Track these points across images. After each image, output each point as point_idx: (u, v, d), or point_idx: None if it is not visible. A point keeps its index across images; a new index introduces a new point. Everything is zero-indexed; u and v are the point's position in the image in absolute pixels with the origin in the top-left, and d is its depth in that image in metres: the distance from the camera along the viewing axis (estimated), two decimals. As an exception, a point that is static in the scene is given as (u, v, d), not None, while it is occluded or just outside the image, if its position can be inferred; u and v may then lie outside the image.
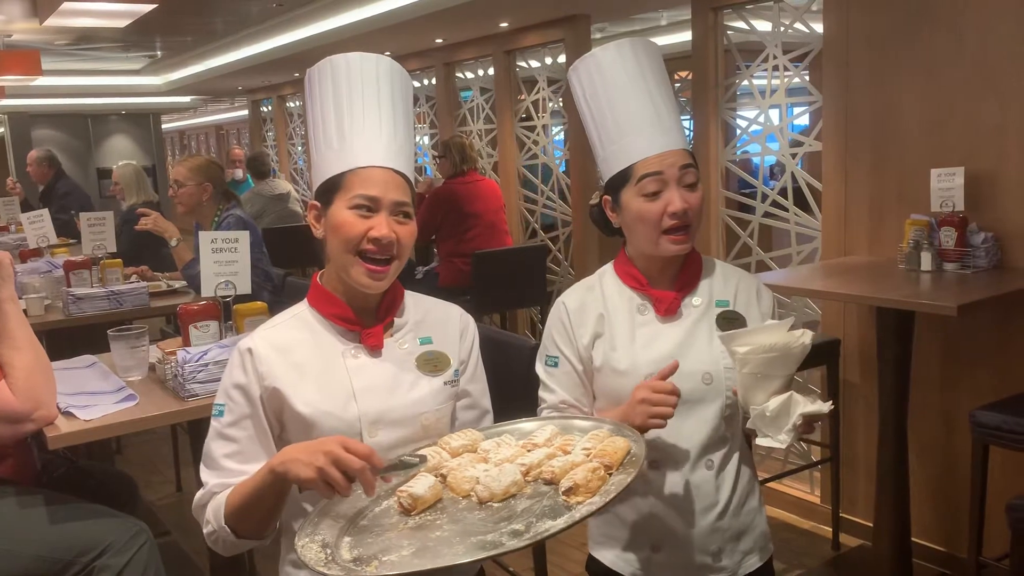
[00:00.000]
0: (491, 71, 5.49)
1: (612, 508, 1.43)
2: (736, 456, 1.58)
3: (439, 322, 1.55)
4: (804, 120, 5.75)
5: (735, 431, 1.58)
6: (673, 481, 1.54)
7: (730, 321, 1.56)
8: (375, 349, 1.46)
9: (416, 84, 6.44)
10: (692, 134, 3.95)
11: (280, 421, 1.41)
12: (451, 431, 1.48)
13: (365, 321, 1.47)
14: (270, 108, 9.18)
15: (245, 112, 10.75)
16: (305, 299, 1.51)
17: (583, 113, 1.63)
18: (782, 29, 3.51)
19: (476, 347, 1.59)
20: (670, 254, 1.55)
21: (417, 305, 1.56)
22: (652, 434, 1.47)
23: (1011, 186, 2.73)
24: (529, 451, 1.36)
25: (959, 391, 2.89)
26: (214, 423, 1.42)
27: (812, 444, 3.31)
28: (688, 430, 1.53)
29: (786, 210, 3.61)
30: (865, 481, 3.14)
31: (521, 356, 2.45)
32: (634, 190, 1.53)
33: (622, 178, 1.55)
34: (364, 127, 1.45)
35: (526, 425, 1.49)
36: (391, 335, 1.49)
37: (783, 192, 3.61)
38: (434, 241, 4.99)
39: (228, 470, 1.39)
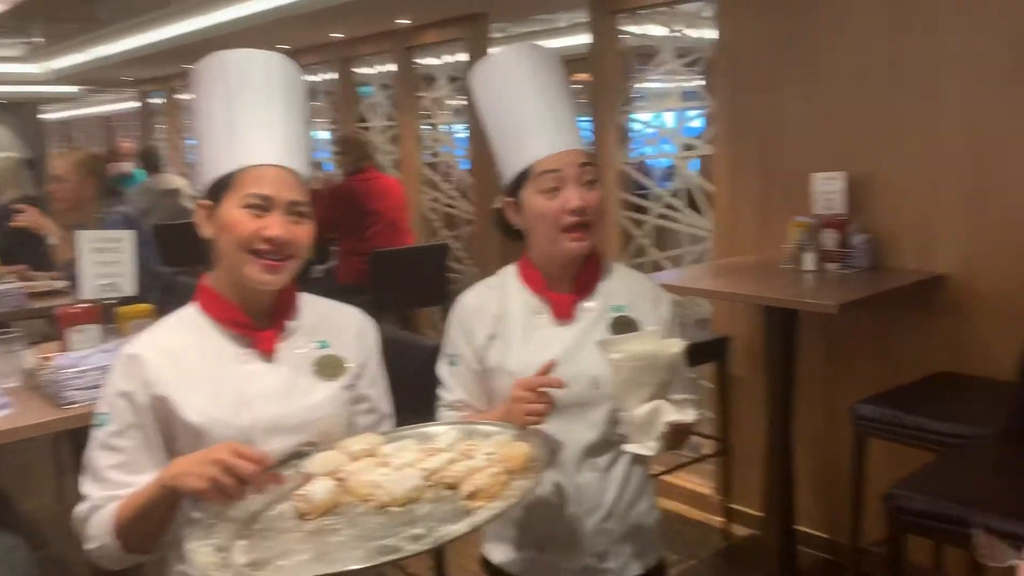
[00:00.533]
0: (391, 67, 5.44)
1: (514, 510, 1.45)
2: (626, 459, 1.59)
3: (336, 325, 1.53)
4: (699, 123, 5.91)
5: None
6: (560, 481, 1.55)
7: (624, 326, 1.57)
8: (268, 353, 1.42)
9: (314, 79, 6.32)
10: (591, 136, 4.01)
11: (169, 430, 1.36)
12: (350, 437, 1.46)
13: (258, 324, 1.43)
14: (161, 100, 8.85)
15: (135, 104, 10.32)
16: (193, 302, 1.46)
17: (484, 116, 1.65)
18: (675, 35, 3.60)
19: (376, 351, 1.57)
20: (570, 252, 1.56)
21: (313, 308, 1.52)
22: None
23: (887, 190, 2.88)
24: (431, 456, 1.35)
25: (841, 385, 3.03)
26: (97, 433, 1.36)
27: (705, 437, 3.41)
28: (575, 433, 1.54)
29: (678, 211, 3.71)
30: (754, 473, 3.26)
31: (422, 357, 2.44)
32: (533, 188, 1.55)
33: (522, 178, 1.57)
34: (256, 124, 1.41)
35: (429, 429, 1.48)
36: (285, 339, 1.46)
37: (676, 194, 3.71)
38: (332, 239, 4.91)
39: (114, 482, 1.33)
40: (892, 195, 2.87)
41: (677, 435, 1.39)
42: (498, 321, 1.59)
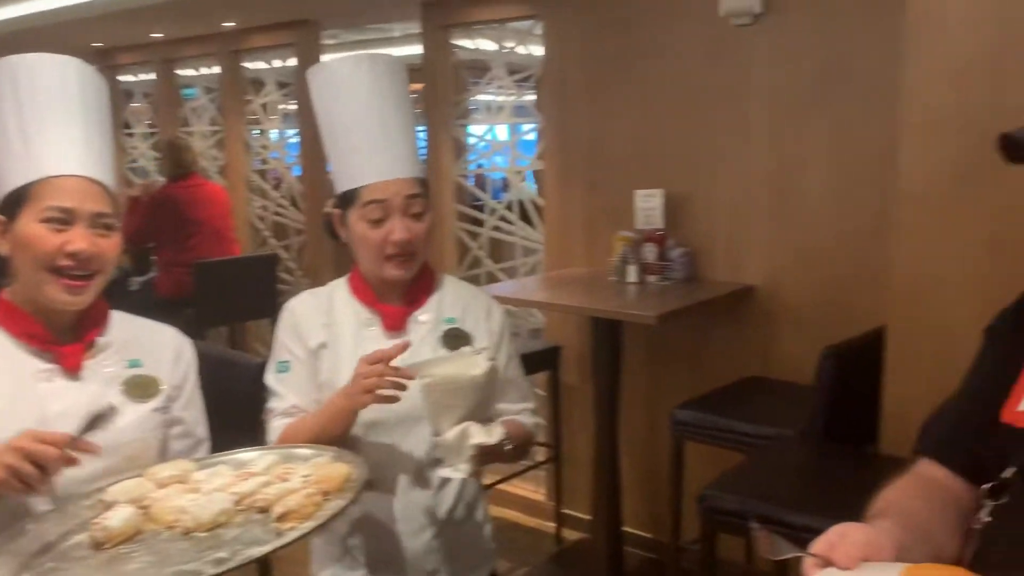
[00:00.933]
0: (216, 70, 5.22)
1: (326, 530, 1.42)
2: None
3: (151, 344, 1.46)
4: (533, 137, 6.05)
5: None
6: (389, 501, 1.55)
7: (456, 339, 1.59)
8: (73, 371, 1.34)
9: (131, 79, 5.96)
10: (425, 148, 4.02)
11: None
12: (161, 461, 1.39)
13: (61, 339, 1.34)
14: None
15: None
16: None
17: (319, 122, 1.61)
18: (505, 51, 3.67)
19: (193, 372, 1.51)
20: (392, 279, 1.56)
21: (126, 324, 1.45)
22: (370, 454, 1.48)
23: (701, 206, 3.06)
24: (245, 480, 1.31)
25: (662, 391, 3.19)
26: None
27: (539, 445, 3.49)
28: (406, 448, 1.54)
29: (513, 224, 3.79)
30: (584, 477, 3.37)
31: (246, 376, 2.34)
32: (359, 214, 1.53)
33: (349, 198, 1.55)
34: (52, 132, 1.33)
35: (244, 455, 1.43)
36: (93, 356, 1.38)
37: (510, 207, 3.78)
38: (152, 249, 4.65)
39: None
40: (706, 211, 3.05)
41: (487, 456, 1.39)
42: (328, 330, 1.57)
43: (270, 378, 1.60)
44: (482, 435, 1.36)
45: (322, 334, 1.57)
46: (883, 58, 2.62)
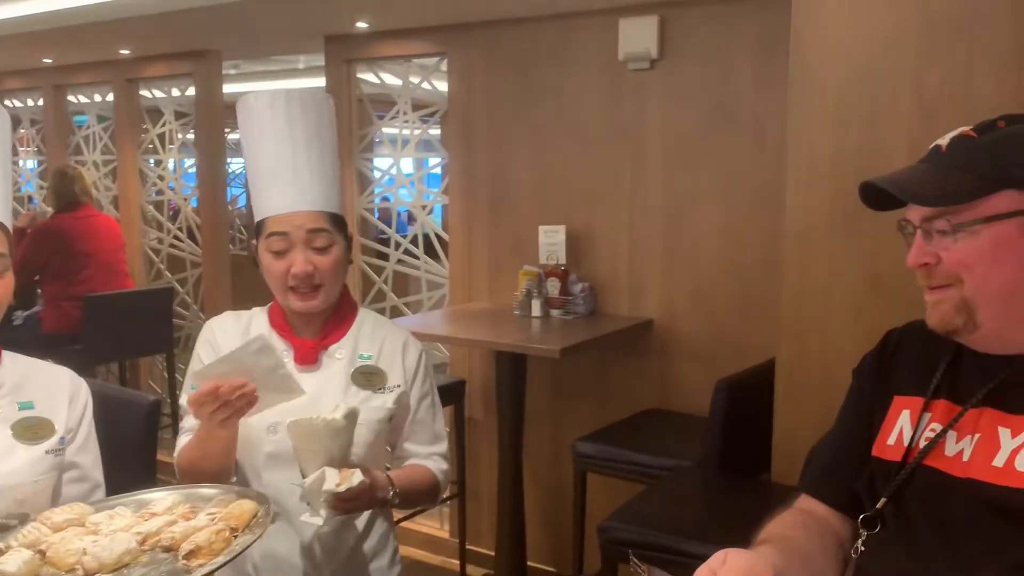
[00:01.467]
0: (110, 97, 5.06)
1: (234, 565, 1.39)
2: (365, 516, 1.59)
3: (44, 386, 1.42)
4: (439, 171, 6.08)
5: None
6: (289, 533, 1.53)
7: (366, 376, 1.58)
8: None
9: (18, 104, 5.72)
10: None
11: None
12: (54, 506, 1.34)
13: None
14: None
15: None
16: None
17: (243, 150, 1.64)
18: (411, 87, 3.70)
19: (88, 414, 1.47)
20: (297, 309, 1.55)
21: (17, 366, 1.40)
22: (270, 486, 1.48)
23: (601, 242, 3.14)
24: (147, 520, 1.27)
25: (565, 424, 3.23)
26: None
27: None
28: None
29: (418, 258, 3.79)
30: (489, 513, 3.36)
31: (139, 415, 2.26)
32: (264, 244, 1.55)
33: (259, 229, 1.57)
34: None
35: (145, 496, 1.39)
36: None
37: (414, 241, 3.79)
38: (37, 282, 4.43)
39: None
40: (606, 247, 3.14)
41: (346, 503, 1.37)
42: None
43: (184, 397, 1.58)
44: (334, 481, 1.34)
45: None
46: (770, 103, 2.77)
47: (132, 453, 1.84)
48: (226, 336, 1.60)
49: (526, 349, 2.77)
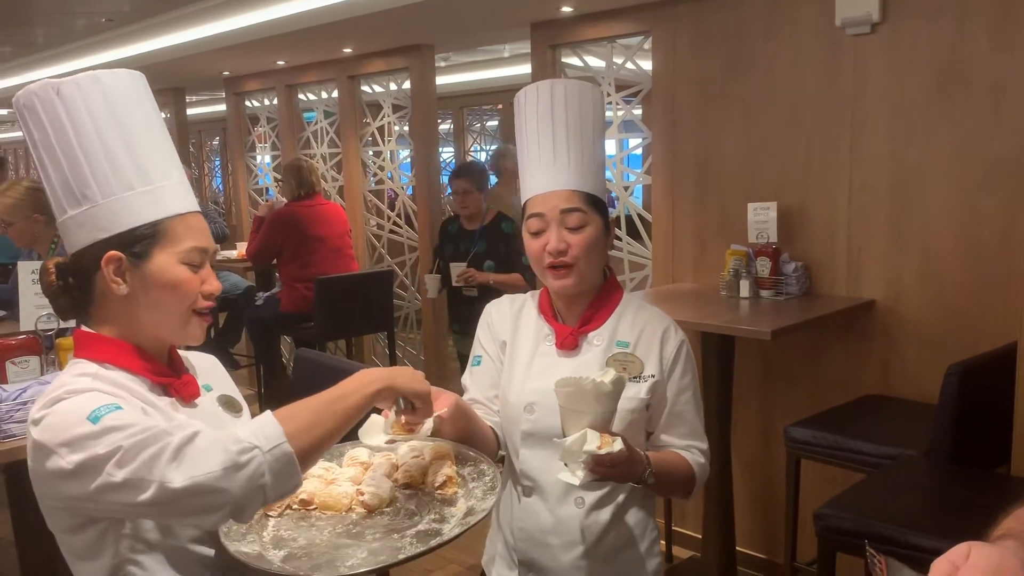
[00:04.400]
0: (335, 94, 5.45)
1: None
2: (619, 501, 1.58)
3: (209, 369, 1.49)
4: (639, 152, 6.04)
5: None
6: (542, 510, 1.58)
7: (622, 363, 1.57)
8: (191, 399, 1.37)
9: (255, 104, 6.30)
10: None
11: None
12: None
13: (174, 373, 1.36)
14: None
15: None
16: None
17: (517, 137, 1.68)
18: (615, 67, 3.70)
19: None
20: (554, 288, 1.60)
21: (187, 356, 1.46)
22: (528, 464, 1.59)
23: (816, 219, 3.00)
24: (367, 468, 1.45)
25: (775, 409, 3.13)
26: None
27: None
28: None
29: (620, 239, 3.80)
30: (695, 495, 3.32)
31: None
32: (525, 227, 1.60)
33: (523, 214, 1.62)
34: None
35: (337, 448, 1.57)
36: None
37: (618, 222, 3.79)
38: (275, 265, 4.88)
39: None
40: (822, 224, 2.99)
41: (601, 468, 1.36)
42: (513, 334, 1.65)
43: (466, 375, 1.71)
44: (595, 443, 1.35)
45: (508, 334, 1.66)
46: (1010, 64, 2.52)
47: (357, 424, 1.99)
48: (501, 319, 1.68)
49: (734, 331, 2.70)
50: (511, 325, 1.66)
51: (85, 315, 1.31)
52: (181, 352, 1.41)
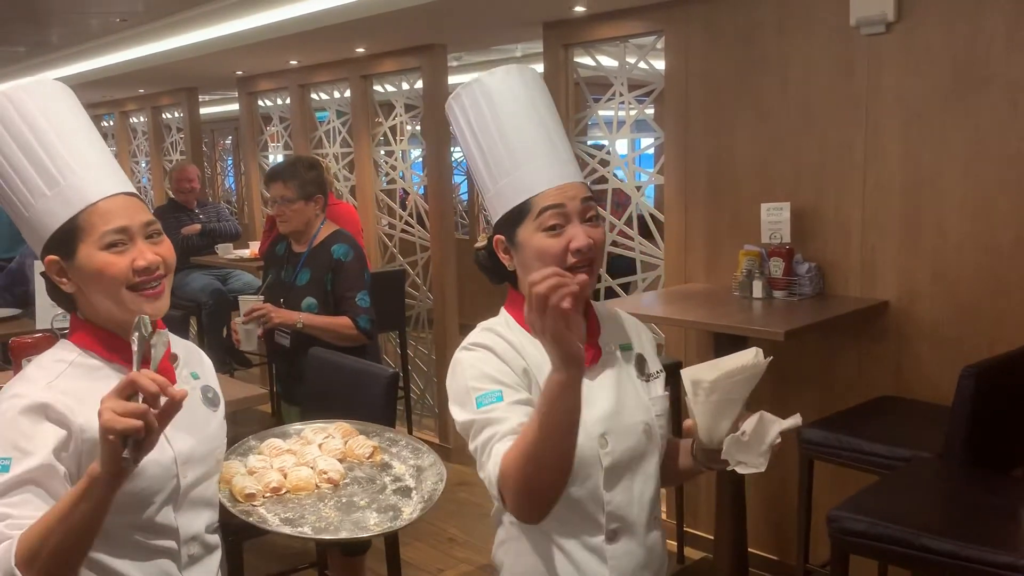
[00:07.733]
0: (348, 94, 5.46)
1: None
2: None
3: (196, 358, 1.55)
4: (651, 152, 6.02)
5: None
6: (634, 548, 1.42)
7: (639, 365, 1.48)
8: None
9: (268, 104, 6.32)
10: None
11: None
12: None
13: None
14: (111, 123, 8.74)
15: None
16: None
17: (468, 145, 1.46)
18: (627, 67, 3.69)
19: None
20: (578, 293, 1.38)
21: (174, 340, 1.46)
22: (616, 502, 1.39)
23: (830, 220, 2.98)
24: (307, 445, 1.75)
25: (787, 409, 3.08)
26: None
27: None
28: (638, 490, 1.42)
29: (632, 239, 3.79)
30: (707, 496, 3.32)
31: (380, 385, 2.45)
32: (533, 225, 1.37)
33: (518, 213, 1.39)
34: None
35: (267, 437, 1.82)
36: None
37: (628, 222, 3.79)
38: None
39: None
40: (836, 225, 2.97)
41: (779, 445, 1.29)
42: (529, 360, 1.38)
43: (476, 415, 1.33)
44: (781, 422, 1.27)
45: (527, 360, 1.39)
46: (1028, 63, 2.50)
47: (373, 418, 2.01)
48: (506, 344, 1.39)
49: (747, 332, 2.69)
50: (520, 351, 1.39)
51: (76, 308, 1.42)
52: (174, 339, 1.44)
